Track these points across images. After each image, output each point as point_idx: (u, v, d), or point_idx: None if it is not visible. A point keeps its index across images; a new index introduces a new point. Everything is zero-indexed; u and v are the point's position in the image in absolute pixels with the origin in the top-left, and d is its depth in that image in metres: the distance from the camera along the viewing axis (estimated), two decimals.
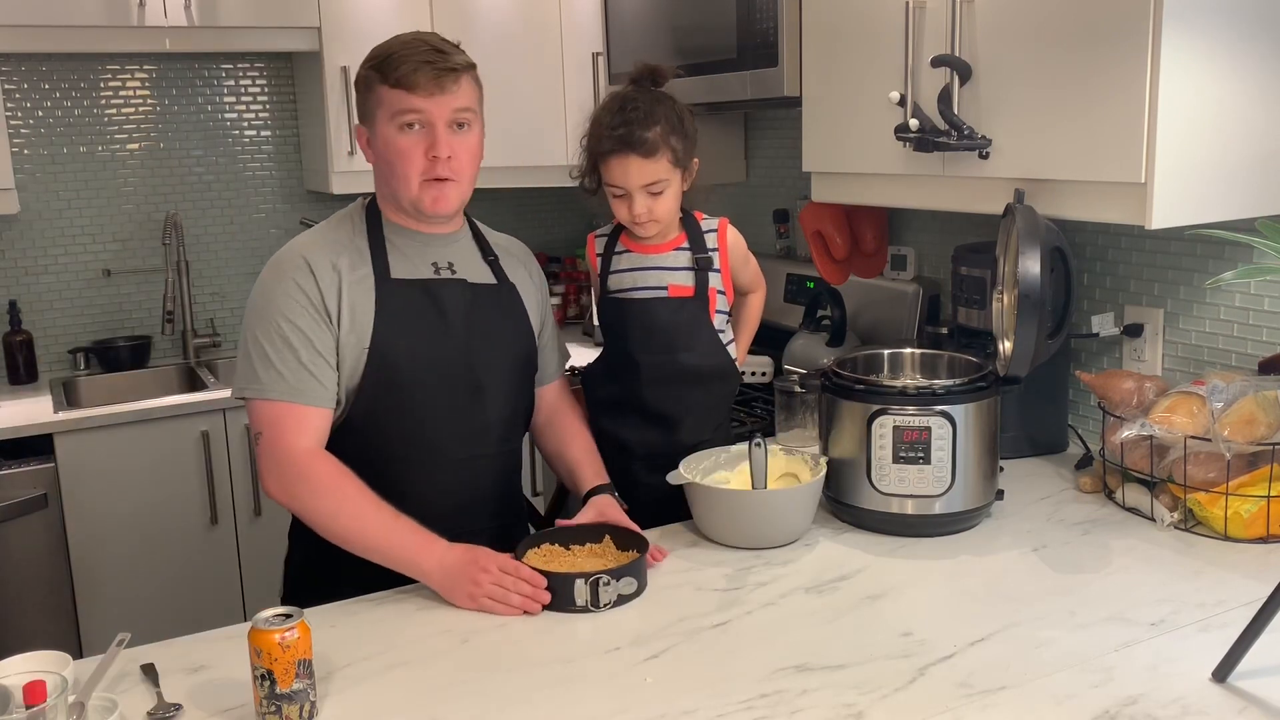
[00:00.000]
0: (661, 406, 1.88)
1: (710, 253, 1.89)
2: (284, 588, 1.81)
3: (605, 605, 1.51)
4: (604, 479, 1.82)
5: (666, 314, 1.87)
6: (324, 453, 1.64)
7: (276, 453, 1.62)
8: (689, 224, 1.90)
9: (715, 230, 1.90)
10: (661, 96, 1.83)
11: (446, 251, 1.76)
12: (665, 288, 1.87)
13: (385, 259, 1.70)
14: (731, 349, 1.92)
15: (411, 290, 1.70)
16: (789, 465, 1.84)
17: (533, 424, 1.92)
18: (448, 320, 1.71)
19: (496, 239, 1.86)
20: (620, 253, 1.91)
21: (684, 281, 1.88)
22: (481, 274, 1.79)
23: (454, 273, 1.75)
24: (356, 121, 1.75)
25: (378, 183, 1.75)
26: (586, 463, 1.85)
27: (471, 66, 1.70)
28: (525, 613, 1.51)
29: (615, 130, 1.78)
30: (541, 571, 1.54)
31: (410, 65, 1.64)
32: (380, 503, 1.60)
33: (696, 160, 1.85)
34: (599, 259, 1.94)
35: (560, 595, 1.51)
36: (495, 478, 1.79)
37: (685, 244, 1.89)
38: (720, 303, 1.90)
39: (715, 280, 1.89)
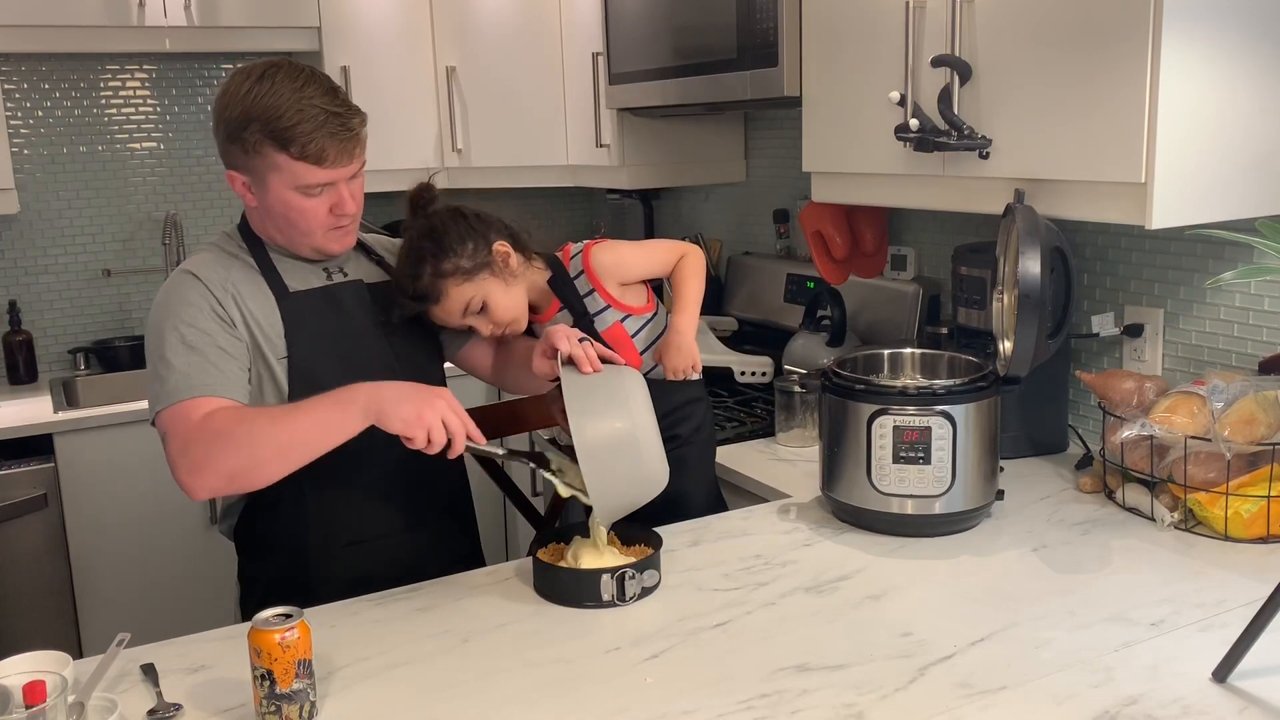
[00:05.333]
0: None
1: (586, 294, 1.88)
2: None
3: (630, 598, 1.52)
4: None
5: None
6: (215, 410, 1.51)
7: (178, 442, 1.48)
8: (556, 282, 1.88)
9: (580, 253, 1.90)
10: (426, 229, 1.75)
11: (336, 259, 1.75)
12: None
13: (278, 274, 1.67)
14: (649, 356, 1.90)
15: (312, 299, 1.68)
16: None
17: (494, 376, 1.90)
18: (354, 321, 1.70)
19: (374, 239, 1.86)
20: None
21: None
22: (373, 273, 1.79)
23: (346, 275, 1.74)
24: (225, 167, 1.63)
25: (261, 221, 1.67)
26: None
27: (365, 119, 1.61)
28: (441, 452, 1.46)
29: (412, 297, 1.74)
30: (568, 570, 1.55)
31: (317, 138, 1.54)
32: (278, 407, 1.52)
33: (500, 243, 1.76)
34: None
35: (586, 591, 1.52)
36: (440, 467, 1.69)
37: (561, 306, 1.89)
38: (630, 324, 1.90)
39: (608, 310, 1.88)
